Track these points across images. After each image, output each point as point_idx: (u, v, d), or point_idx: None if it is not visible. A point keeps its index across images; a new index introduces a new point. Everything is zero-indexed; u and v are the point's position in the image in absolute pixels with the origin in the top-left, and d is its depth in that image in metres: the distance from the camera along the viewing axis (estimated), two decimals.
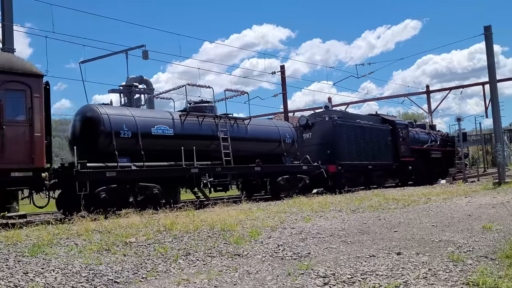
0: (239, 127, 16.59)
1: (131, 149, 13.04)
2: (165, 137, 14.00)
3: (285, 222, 8.69)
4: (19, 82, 10.56)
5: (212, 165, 15.01)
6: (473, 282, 4.19)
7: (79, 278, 4.95)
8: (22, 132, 10.47)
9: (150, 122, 13.82)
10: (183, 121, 14.67)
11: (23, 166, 10.39)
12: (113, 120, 12.90)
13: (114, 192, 11.91)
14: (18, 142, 10.38)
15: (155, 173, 13.19)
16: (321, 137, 20.32)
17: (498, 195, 13.53)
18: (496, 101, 21.93)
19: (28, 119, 10.61)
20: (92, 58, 22.01)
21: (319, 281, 4.53)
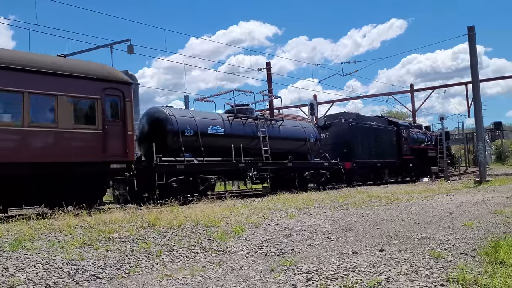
0: (274, 127, 18.82)
1: (192, 146, 15.16)
2: (218, 135, 16.14)
3: (269, 219, 8.71)
4: (115, 89, 12.58)
5: (254, 161, 17.14)
6: (453, 279, 4.25)
7: (60, 274, 4.90)
8: (118, 131, 12.45)
9: (206, 122, 15.98)
10: (231, 122, 16.90)
11: (119, 159, 12.34)
12: (179, 120, 15.02)
13: (182, 182, 14.07)
14: (115, 139, 12.33)
15: (213, 166, 15.53)
16: (338, 137, 22.64)
17: (479, 193, 13.75)
18: (478, 101, 22.24)
19: (122, 120, 12.59)
20: (76, 51, 21.78)
21: (302, 277, 4.56)
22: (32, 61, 11.21)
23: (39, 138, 11.04)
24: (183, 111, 16.31)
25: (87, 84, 12.00)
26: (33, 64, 11.10)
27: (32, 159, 10.71)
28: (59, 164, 11.15)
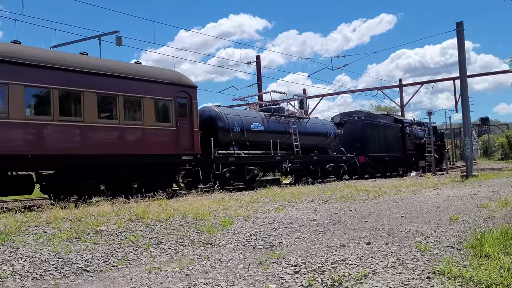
0: (301, 124, 21.14)
1: (239, 140, 17.59)
2: (259, 131, 18.54)
3: (257, 212, 8.73)
4: (184, 91, 14.95)
5: (287, 154, 19.48)
6: (439, 271, 4.30)
7: (47, 266, 4.87)
8: (187, 127, 14.74)
9: (249, 120, 18.37)
10: (268, 120, 19.28)
11: (188, 152, 14.69)
12: (229, 118, 17.39)
13: (233, 172, 16.57)
14: (185, 135, 14.65)
15: (256, 158, 17.96)
16: (352, 133, 24.86)
17: (465, 188, 13.90)
18: (466, 96, 22.43)
19: (190, 118, 14.94)
20: (64, 43, 21.56)
21: (290, 269, 4.58)
22: (123, 68, 13.53)
23: (131, 134, 13.27)
24: (231, 110, 18.88)
25: (164, 88, 14.32)
26: (124, 71, 13.43)
27: (125, 151, 12.95)
28: (143, 155, 13.42)
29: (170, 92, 14.45)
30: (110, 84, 12.83)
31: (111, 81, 12.85)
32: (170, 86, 14.53)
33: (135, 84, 13.47)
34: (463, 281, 4.02)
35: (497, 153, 72.57)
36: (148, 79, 13.91)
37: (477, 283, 3.93)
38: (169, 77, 14.84)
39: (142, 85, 13.67)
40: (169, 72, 15.51)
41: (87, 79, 12.36)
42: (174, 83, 14.72)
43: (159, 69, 15.60)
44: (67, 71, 12.05)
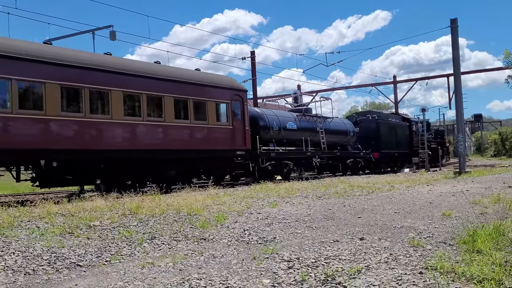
0: (326, 123, 23.27)
1: (277, 138, 19.68)
2: (292, 130, 20.63)
3: (251, 207, 8.74)
4: (238, 95, 17.42)
5: (316, 151, 21.63)
6: (432, 267, 4.33)
7: (40, 261, 4.85)
8: (240, 126, 17.19)
9: (285, 120, 20.49)
10: (300, 119, 21.45)
11: (241, 147, 17.13)
12: (269, 118, 19.47)
13: (274, 166, 18.77)
14: (239, 133, 17.10)
15: (291, 154, 20.17)
16: (367, 131, 26.77)
17: (458, 184, 13.97)
18: (459, 93, 22.52)
19: (242, 118, 17.38)
20: (57, 37, 21.39)
21: (284, 265, 4.59)
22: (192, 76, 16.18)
23: (198, 132, 15.68)
24: (269, 111, 21.01)
25: (222, 92, 16.77)
26: (193, 78, 15.99)
27: (195, 146, 15.44)
28: (208, 150, 15.89)
29: (227, 95, 16.93)
30: (184, 90, 15.31)
31: (184, 87, 15.37)
32: (227, 90, 17.05)
33: (201, 89, 15.96)
34: (455, 276, 4.05)
35: (490, 150, 72.96)
36: (210, 85, 16.44)
37: (469, 279, 3.96)
38: (225, 82, 17.55)
39: (206, 90, 16.15)
40: (225, 78, 18.46)
41: (166, 86, 14.75)
42: (230, 88, 17.31)
43: (217, 75, 18.55)
44: (152, 78, 14.42)
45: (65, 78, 12.20)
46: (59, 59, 12.20)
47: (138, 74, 13.94)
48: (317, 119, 22.71)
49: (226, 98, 16.85)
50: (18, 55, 11.33)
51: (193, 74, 16.41)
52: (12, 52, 11.27)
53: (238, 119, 17.20)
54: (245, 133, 17.36)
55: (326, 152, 22.23)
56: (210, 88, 16.29)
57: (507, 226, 5.91)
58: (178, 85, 15.14)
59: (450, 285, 3.85)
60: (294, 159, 20.30)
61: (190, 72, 16.47)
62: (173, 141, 14.68)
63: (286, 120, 20.56)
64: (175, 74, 15.47)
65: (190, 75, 16.16)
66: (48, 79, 11.82)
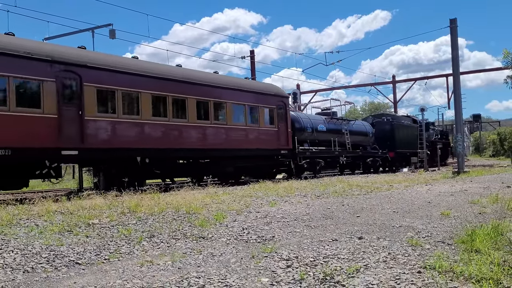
0: (349, 125, 25.63)
1: (309, 138, 21.97)
2: (323, 131, 22.96)
3: (250, 206, 8.74)
4: (281, 101, 19.93)
5: (343, 150, 24.02)
6: (430, 266, 4.33)
7: (39, 259, 4.85)
8: (284, 128, 19.64)
9: (316, 122, 22.93)
10: (328, 122, 23.94)
11: (285, 147, 19.55)
12: (304, 121, 21.81)
13: (308, 163, 21.10)
14: (283, 134, 19.55)
15: (322, 153, 22.46)
16: (383, 132, 28.88)
17: (457, 184, 13.99)
18: (458, 93, 22.53)
19: (285, 121, 19.83)
20: (57, 35, 21.38)
21: (282, 263, 4.59)
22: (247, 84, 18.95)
23: (252, 133, 18.17)
24: (303, 114, 23.99)
25: (270, 98, 19.27)
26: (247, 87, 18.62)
27: (249, 146, 17.89)
28: (259, 149, 18.35)
29: (273, 101, 19.44)
30: (240, 97, 17.87)
31: (242, 95, 17.90)
32: (273, 97, 19.57)
33: (254, 96, 18.51)
34: (453, 275, 4.06)
35: (489, 150, 73.03)
36: (261, 92, 19.07)
37: (467, 278, 3.97)
38: (272, 89, 20.17)
39: (258, 96, 18.69)
40: (272, 86, 21.19)
41: (228, 93, 17.32)
42: (275, 94, 19.83)
43: (265, 84, 21.82)
44: (217, 87, 16.91)
45: (154, 88, 14.48)
46: (149, 72, 14.55)
47: (208, 84, 16.59)
48: (342, 121, 25.38)
49: (273, 103, 19.42)
50: (123, 70, 13.77)
51: (248, 83, 19.54)
52: (119, 67, 13.76)
53: (282, 122, 19.73)
54: (287, 134, 19.93)
55: (351, 151, 24.74)
56: (260, 95, 18.85)
57: (505, 226, 5.93)
58: (237, 92, 17.73)
59: (449, 284, 3.85)
60: (324, 158, 22.64)
61: (246, 82, 19.46)
62: (232, 141, 17.16)
63: (317, 122, 23.08)
64: (234, 83, 18.13)
65: (246, 84, 19.11)
66: (143, 89, 14.13)
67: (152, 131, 14.26)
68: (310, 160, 21.28)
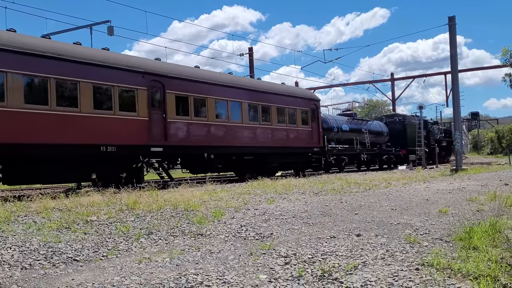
0: (368, 125, 28.42)
1: (336, 137, 24.58)
2: (346, 131, 25.53)
3: (248, 203, 8.74)
4: (314, 104, 22.45)
5: (362, 148, 26.77)
6: (428, 263, 4.34)
7: (37, 256, 4.85)
8: (316, 128, 22.13)
9: (341, 122, 25.57)
10: (350, 122, 26.56)
11: (317, 145, 22.07)
12: (331, 121, 24.55)
13: (335, 160, 23.94)
14: (315, 133, 22.04)
15: (346, 151, 25.13)
16: (395, 131, 31.25)
17: (455, 181, 14.01)
18: (456, 91, 22.54)
19: (317, 122, 22.27)
20: (55, 32, 21.32)
21: (281, 260, 4.59)
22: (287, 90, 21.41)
23: (291, 133, 20.55)
24: (331, 116, 26.39)
25: (305, 102, 21.76)
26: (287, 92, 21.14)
27: (288, 144, 20.32)
28: (296, 147, 20.89)
29: (307, 104, 21.87)
30: (282, 100, 20.28)
31: (282, 98, 20.36)
32: (307, 100, 22.12)
33: (293, 100, 21.00)
34: (451, 272, 4.07)
35: (487, 148, 73.15)
36: (298, 96, 21.57)
37: (465, 275, 3.98)
38: (306, 94, 23.15)
39: (296, 100, 21.18)
40: (306, 91, 25.37)
41: (272, 97, 19.78)
42: (309, 98, 22.52)
43: (300, 88, 25.77)
44: (262, 92, 19.43)
45: (217, 93, 16.95)
46: (213, 80, 17.10)
47: (257, 90, 19.29)
48: (362, 121, 28.18)
49: (307, 106, 21.79)
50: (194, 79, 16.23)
51: (287, 88, 21.90)
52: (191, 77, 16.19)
53: (314, 123, 22.05)
54: (319, 133, 22.34)
55: (370, 149, 27.49)
56: (298, 99, 21.39)
57: (503, 223, 5.94)
58: (279, 97, 20.19)
59: (446, 281, 3.86)
60: (348, 155, 25.21)
61: (285, 87, 21.87)
62: (276, 140, 19.61)
63: (342, 122, 25.55)
64: (277, 89, 20.71)
65: (286, 89, 21.57)
66: (209, 95, 16.57)
67: (215, 131, 16.77)
68: (337, 157, 24.05)
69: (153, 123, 14.33)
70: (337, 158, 24.02)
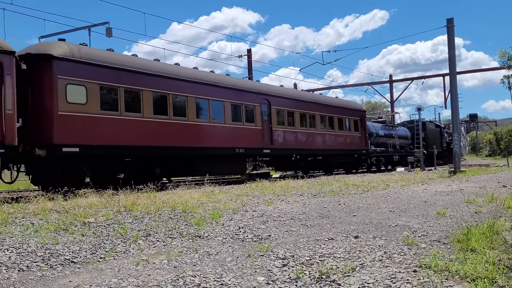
0: (396, 130, 33.23)
1: (374, 141, 28.84)
2: (382, 136, 30.13)
3: (247, 205, 8.74)
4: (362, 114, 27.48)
5: (395, 151, 31.25)
6: (426, 265, 4.34)
7: (34, 258, 4.84)
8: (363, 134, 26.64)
9: (378, 128, 30.26)
10: (384, 128, 31.19)
11: (364, 148, 26.66)
12: (371, 128, 28.91)
13: (376, 161, 28.60)
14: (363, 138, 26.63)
15: (384, 153, 29.83)
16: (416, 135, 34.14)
17: (453, 183, 14.02)
18: (455, 93, 22.59)
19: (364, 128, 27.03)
20: (53, 33, 21.32)
21: (279, 262, 4.59)
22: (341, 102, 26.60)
23: (345, 138, 25.12)
24: (370, 123, 30.31)
25: (356, 112, 26.74)
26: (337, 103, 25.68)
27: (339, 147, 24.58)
28: (348, 149, 25.45)
29: (357, 114, 26.69)
30: (341, 111, 25.20)
31: (341, 110, 25.22)
32: (357, 111, 27.12)
33: (348, 111, 25.91)
34: (449, 274, 4.07)
35: (485, 150, 73.29)
36: (350, 108, 26.44)
37: (463, 277, 3.98)
38: (356, 106, 28.44)
39: (349, 111, 25.98)
40: (355, 103, 30.50)
41: (335, 109, 24.73)
42: (359, 110, 27.69)
43: (351, 101, 29.79)
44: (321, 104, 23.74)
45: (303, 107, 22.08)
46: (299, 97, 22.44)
47: (326, 104, 24.25)
48: (392, 127, 32.88)
49: (357, 115, 26.55)
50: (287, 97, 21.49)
51: (337, 100, 26.43)
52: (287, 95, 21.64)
53: (362, 130, 26.68)
54: (366, 139, 26.95)
55: (399, 151, 31.80)
56: (350, 110, 26.19)
57: (500, 225, 5.95)
58: (341, 109, 25.28)
59: (444, 283, 3.86)
60: (384, 156, 29.70)
61: (342, 100, 27.38)
62: (338, 144, 24.38)
63: (378, 128, 30.03)
64: (339, 102, 26.14)
65: (344, 102, 27.22)
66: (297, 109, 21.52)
67: (301, 137, 21.50)
68: (377, 158, 28.64)
69: (264, 131, 19.28)
70: (377, 159, 28.74)
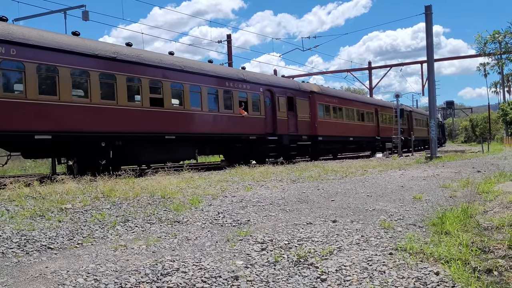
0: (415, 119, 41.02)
1: None
2: None
3: (226, 191, 8.75)
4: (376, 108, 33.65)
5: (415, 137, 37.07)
6: (401, 248, 4.43)
7: (10, 244, 4.77)
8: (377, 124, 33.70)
9: None
10: None
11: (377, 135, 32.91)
12: None
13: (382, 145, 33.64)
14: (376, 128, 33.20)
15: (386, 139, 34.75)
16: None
17: (429, 169, 14.27)
18: (432, 80, 22.88)
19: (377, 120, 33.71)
20: (27, 16, 20.78)
21: (257, 246, 4.62)
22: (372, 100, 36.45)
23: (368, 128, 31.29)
24: None
25: (372, 106, 32.30)
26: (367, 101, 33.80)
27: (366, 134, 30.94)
28: (366, 137, 30.83)
29: (372, 108, 32.48)
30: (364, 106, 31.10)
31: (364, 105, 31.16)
32: (373, 105, 32.86)
33: (368, 105, 31.67)
34: (424, 257, 4.16)
35: (461, 136, 74.68)
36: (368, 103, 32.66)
37: (437, 259, 4.07)
38: (372, 100, 34.38)
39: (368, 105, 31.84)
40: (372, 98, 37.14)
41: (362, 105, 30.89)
42: (374, 104, 33.41)
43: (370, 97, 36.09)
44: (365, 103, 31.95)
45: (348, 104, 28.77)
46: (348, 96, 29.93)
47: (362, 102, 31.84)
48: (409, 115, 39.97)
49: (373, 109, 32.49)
50: None
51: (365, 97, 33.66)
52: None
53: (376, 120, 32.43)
54: (378, 128, 32.57)
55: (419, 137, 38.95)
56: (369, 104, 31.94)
57: (474, 209, 6.09)
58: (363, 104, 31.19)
59: (419, 265, 3.95)
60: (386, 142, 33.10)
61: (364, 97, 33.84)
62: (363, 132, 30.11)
63: None
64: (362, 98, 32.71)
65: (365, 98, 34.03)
66: None
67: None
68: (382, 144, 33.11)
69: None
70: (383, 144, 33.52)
